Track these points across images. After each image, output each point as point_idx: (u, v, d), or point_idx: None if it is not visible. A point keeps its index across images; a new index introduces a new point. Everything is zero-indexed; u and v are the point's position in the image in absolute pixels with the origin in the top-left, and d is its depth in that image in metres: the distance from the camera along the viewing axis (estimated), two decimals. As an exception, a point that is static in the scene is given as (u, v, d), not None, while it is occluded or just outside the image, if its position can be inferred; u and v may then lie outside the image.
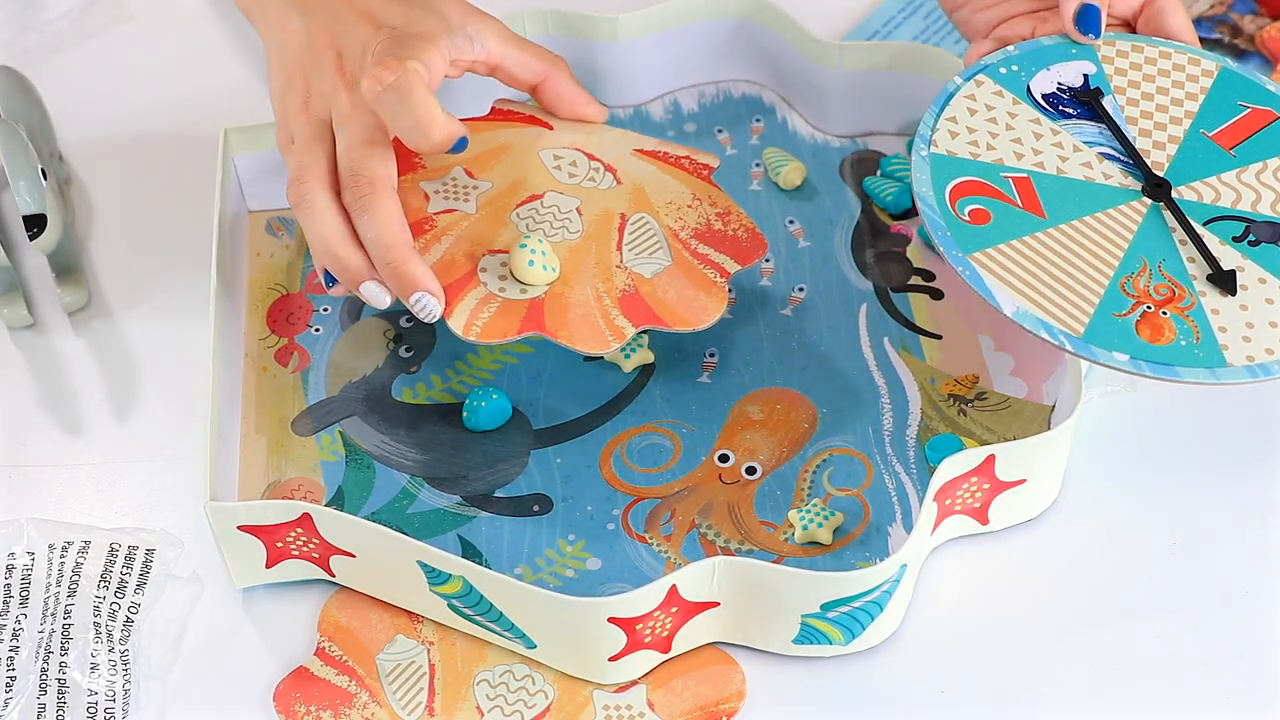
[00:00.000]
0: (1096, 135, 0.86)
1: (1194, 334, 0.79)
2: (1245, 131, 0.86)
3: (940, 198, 0.83)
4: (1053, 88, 0.87)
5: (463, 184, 0.88)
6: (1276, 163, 0.85)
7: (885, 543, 0.84)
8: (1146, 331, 0.79)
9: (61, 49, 1.06)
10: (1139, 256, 0.82)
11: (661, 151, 0.91)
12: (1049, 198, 0.84)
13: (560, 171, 0.89)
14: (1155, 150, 0.86)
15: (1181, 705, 0.80)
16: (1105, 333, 0.79)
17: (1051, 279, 0.81)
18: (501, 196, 0.88)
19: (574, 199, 0.88)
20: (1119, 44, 0.89)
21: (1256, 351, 0.79)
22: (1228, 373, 0.79)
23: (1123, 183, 0.85)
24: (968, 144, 0.85)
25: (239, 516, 0.80)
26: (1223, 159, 0.85)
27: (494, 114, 0.92)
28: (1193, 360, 0.79)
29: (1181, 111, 0.87)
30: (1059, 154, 0.85)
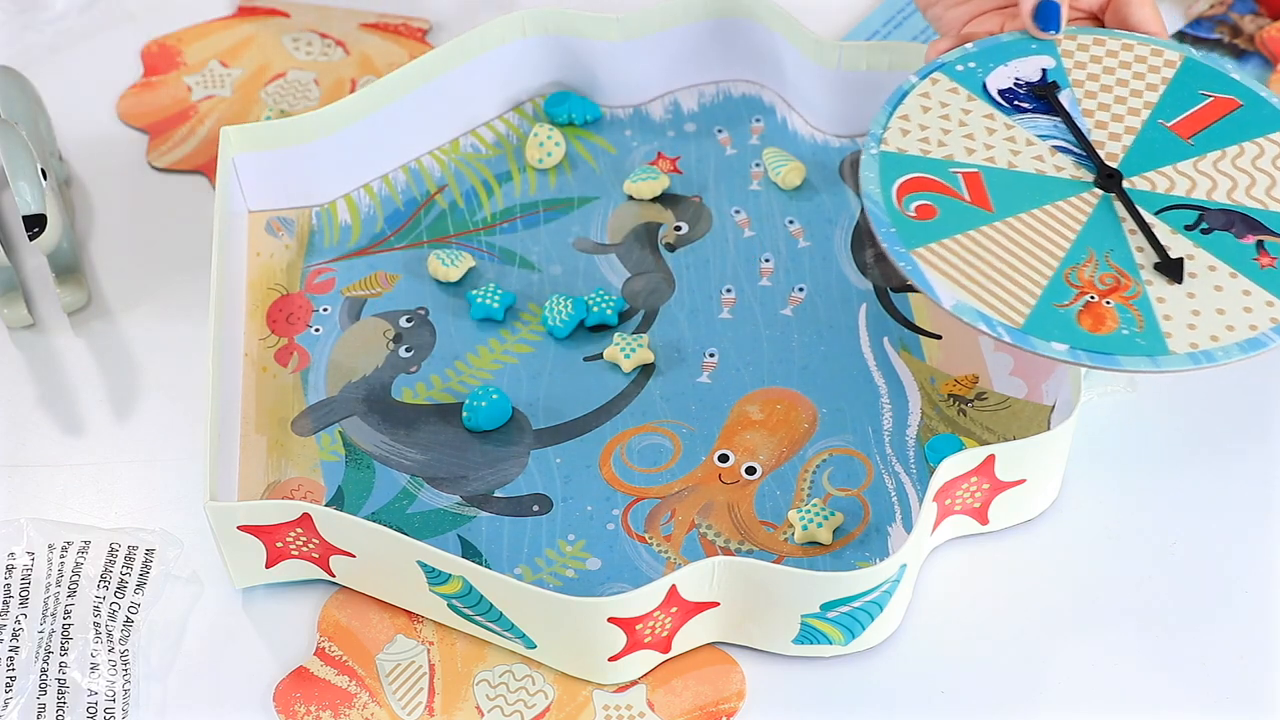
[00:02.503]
0: (1051, 129, 0.86)
1: (1137, 322, 0.79)
2: (1205, 120, 0.86)
3: (886, 194, 0.83)
4: (1009, 83, 0.88)
5: (218, 74, 1.03)
6: (1235, 151, 0.85)
7: (885, 543, 0.84)
8: (1088, 321, 0.79)
9: (61, 49, 1.06)
10: (1086, 247, 0.82)
11: (382, 23, 1.05)
12: (998, 192, 0.84)
13: (299, 52, 1.03)
14: (1111, 141, 0.86)
15: (1181, 705, 0.80)
16: (1045, 323, 0.79)
17: (994, 271, 0.81)
18: (252, 79, 1.02)
19: (311, 73, 1.03)
20: (1080, 38, 0.89)
21: (1200, 339, 0.79)
22: (1169, 360, 0.78)
23: (1075, 174, 0.85)
24: (919, 141, 0.86)
25: (239, 516, 0.80)
26: (1180, 148, 0.85)
27: (239, 12, 1.07)
28: (1134, 349, 0.79)
29: (1141, 102, 0.87)
30: (1011, 148, 0.85)
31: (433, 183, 0.98)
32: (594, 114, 1.01)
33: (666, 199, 0.97)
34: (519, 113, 1.01)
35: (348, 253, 0.95)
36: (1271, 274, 0.80)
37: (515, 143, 1.00)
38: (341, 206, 0.97)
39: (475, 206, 0.97)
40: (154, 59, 1.06)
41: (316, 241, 0.96)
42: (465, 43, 0.97)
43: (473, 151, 0.99)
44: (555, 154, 0.98)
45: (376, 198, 0.97)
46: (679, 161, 0.99)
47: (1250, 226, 0.82)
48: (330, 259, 0.95)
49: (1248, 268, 0.81)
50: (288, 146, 0.95)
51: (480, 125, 1.00)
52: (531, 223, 0.96)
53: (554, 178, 0.98)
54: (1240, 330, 0.79)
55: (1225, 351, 0.78)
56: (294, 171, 0.95)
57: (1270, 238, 0.82)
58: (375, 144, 0.97)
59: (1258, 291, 0.80)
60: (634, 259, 0.95)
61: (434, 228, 0.96)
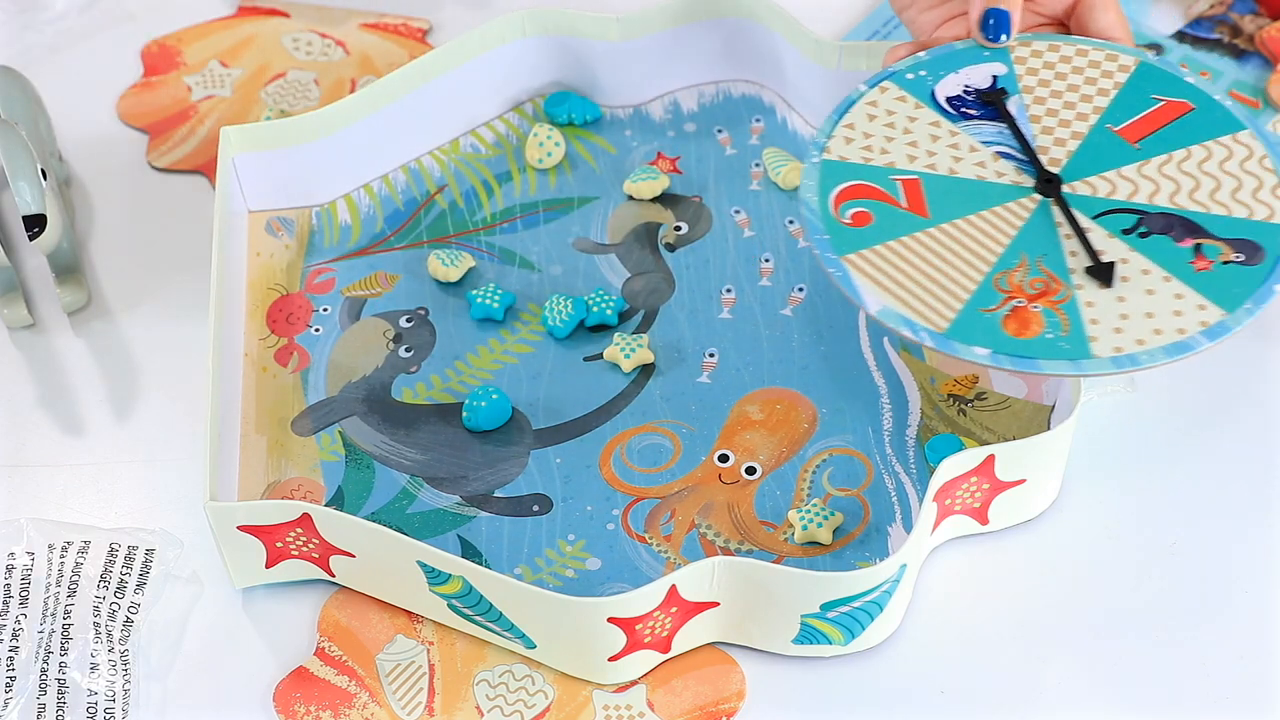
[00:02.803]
0: (996, 135, 0.86)
1: (1062, 326, 0.79)
2: (1154, 124, 0.86)
3: (823, 202, 0.84)
4: (959, 90, 0.88)
5: (218, 74, 1.02)
6: (1181, 154, 0.85)
7: (885, 543, 0.84)
8: (1013, 326, 0.79)
9: (61, 49, 1.06)
10: (1019, 252, 0.82)
11: (382, 23, 1.05)
12: (936, 198, 0.84)
13: (299, 52, 1.03)
14: (1056, 147, 0.85)
15: (1181, 705, 0.80)
16: (970, 328, 0.79)
17: (923, 276, 0.81)
18: (251, 79, 1.01)
19: (311, 73, 1.02)
20: (1035, 44, 0.89)
21: (1126, 342, 0.79)
22: (1091, 364, 0.78)
23: (1015, 180, 0.85)
24: (861, 149, 0.86)
25: (239, 516, 0.80)
26: (1126, 152, 0.85)
27: (239, 12, 1.06)
28: (1056, 352, 0.79)
29: (1090, 107, 0.86)
30: (954, 155, 0.86)
31: (433, 183, 0.98)
32: (594, 114, 1.01)
33: (666, 199, 0.97)
34: (519, 113, 1.01)
35: (348, 253, 0.95)
36: (1206, 277, 0.80)
37: (515, 143, 1.00)
38: (341, 206, 0.97)
39: (475, 206, 0.97)
40: (154, 59, 1.06)
41: (316, 241, 0.96)
42: (465, 43, 0.97)
43: (473, 151, 0.99)
44: (555, 154, 0.98)
45: (376, 198, 0.97)
46: (679, 161, 0.99)
47: (1189, 230, 0.82)
48: (330, 259, 0.95)
49: (1183, 271, 0.80)
50: (288, 146, 0.95)
51: (480, 125, 1.00)
52: (531, 223, 0.96)
53: (554, 178, 0.98)
54: (1168, 334, 0.79)
55: (1150, 355, 0.78)
56: (294, 171, 0.95)
57: (1209, 241, 0.81)
58: (375, 144, 0.97)
59: (1190, 295, 0.80)
60: (634, 259, 0.95)
61: (434, 228, 0.96)
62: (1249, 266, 0.80)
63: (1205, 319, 0.79)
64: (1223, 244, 0.81)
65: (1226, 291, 0.79)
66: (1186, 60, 1.02)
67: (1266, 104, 1.00)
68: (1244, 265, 0.80)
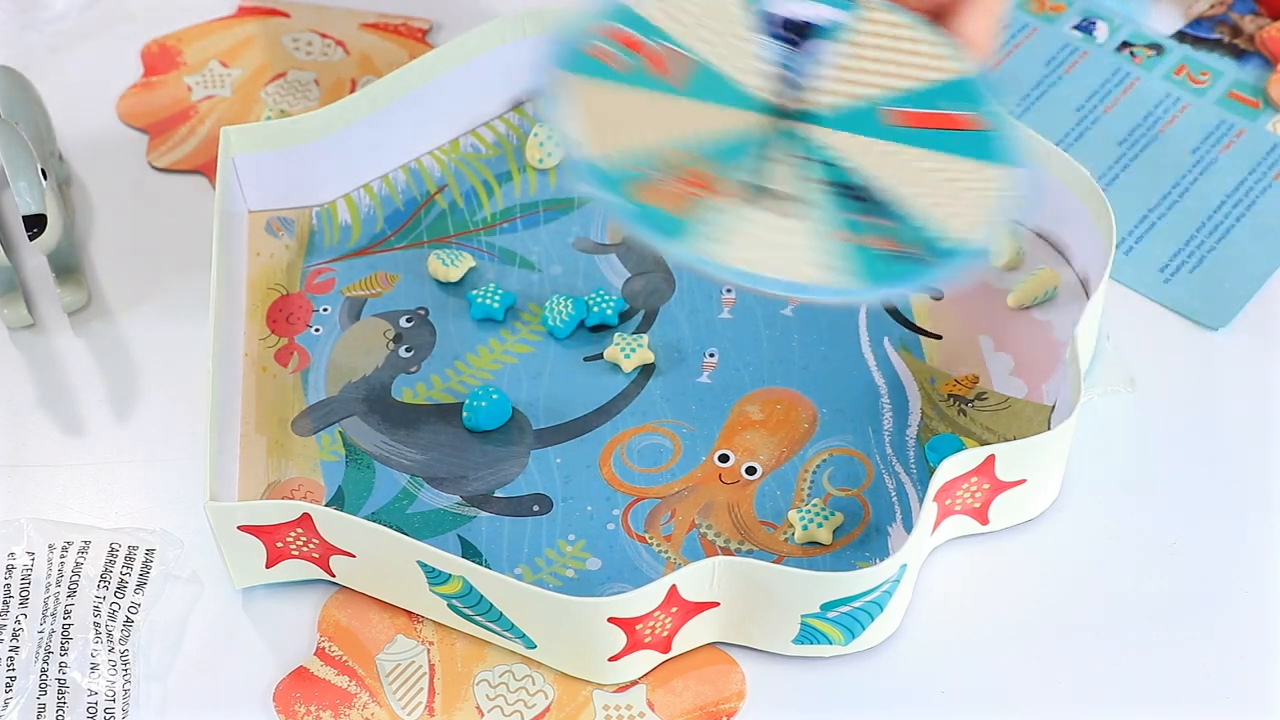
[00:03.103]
0: (787, 59, 0.85)
1: (683, 211, 0.79)
2: (930, 122, 0.84)
3: (583, 26, 0.84)
4: (786, 12, 0.86)
5: (218, 74, 1.02)
6: (920, 153, 0.83)
7: (885, 543, 0.84)
8: (644, 191, 0.79)
9: (61, 49, 1.06)
10: (719, 149, 0.81)
11: (382, 23, 1.04)
12: (690, 77, 0.83)
13: (299, 52, 1.02)
14: (829, 96, 0.84)
15: (1181, 705, 0.80)
16: (611, 173, 0.79)
17: (617, 117, 0.81)
18: (251, 79, 1.01)
19: (311, 73, 1.02)
20: (895, 14, 0.87)
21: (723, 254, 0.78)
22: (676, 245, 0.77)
23: (766, 97, 0.84)
24: (662, 10, 0.86)
25: (239, 516, 0.80)
26: (878, 129, 0.83)
27: (239, 12, 1.06)
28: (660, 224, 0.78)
29: (884, 85, 0.85)
30: (732, 54, 0.85)
31: (433, 183, 0.98)
32: (594, 114, 1.01)
33: (666, 199, 0.97)
34: (519, 113, 1.01)
35: (348, 253, 0.95)
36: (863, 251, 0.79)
37: (515, 143, 1.00)
38: (341, 206, 0.97)
39: (475, 206, 0.97)
40: (154, 59, 1.06)
41: (316, 241, 0.96)
42: (465, 43, 0.97)
43: (473, 151, 0.99)
44: (555, 154, 0.98)
45: (376, 198, 0.97)
46: (679, 161, 0.99)
47: (877, 210, 0.80)
48: (330, 259, 0.95)
49: (829, 233, 0.79)
50: (288, 146, 0.95)
51: (480, 125, 1.00)
52: (531, 223, 0.96)
53: (554, 178, 0.98)
54: (768, 268, 0.77)
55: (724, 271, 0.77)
56: (294, 171, 0.95)
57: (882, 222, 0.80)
58: (375, 144, 0.97)
59: (835, 260, 0.78)
60: (634, 259, 0.95)
61: (434, 228, 0.96)
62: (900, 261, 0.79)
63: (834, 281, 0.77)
64: (893, 233, 0.80)
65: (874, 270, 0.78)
66: (1186, 60, 1.02)
67: (1266, 104, 1.00)
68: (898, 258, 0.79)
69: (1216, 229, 0.95)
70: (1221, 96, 1.01)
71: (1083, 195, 0.90)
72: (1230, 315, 0.92)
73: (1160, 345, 0.91)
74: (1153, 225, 0.95)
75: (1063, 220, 0.92)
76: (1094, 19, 1.05)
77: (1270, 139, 0.99)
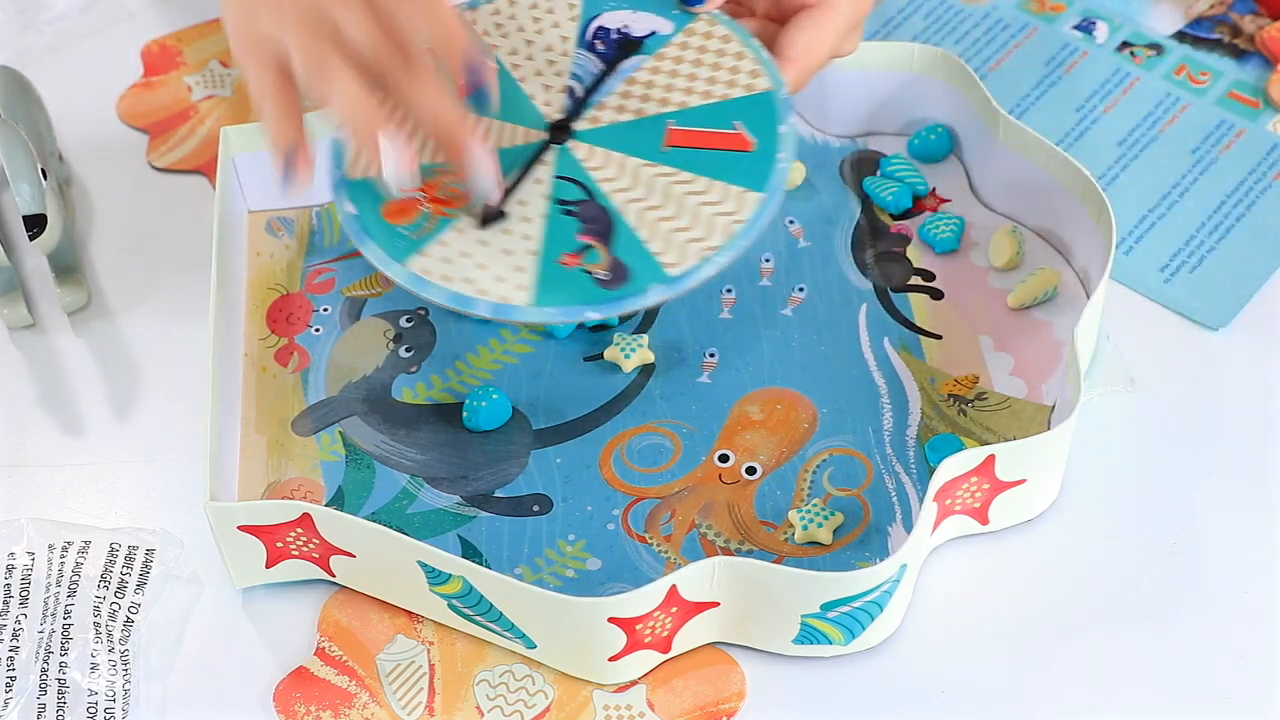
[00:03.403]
0: (591, 74, 0.87)
1: (423, 229, 0.81)
2: (700, 142, 0.84)
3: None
4: (614, 25, 0.88)
5: (219, 74, 1.02)
6: (686, 177, 0.83)
7: (885, 543, 0.84)
8: (392, 208, 0.82)
9: (61, 49, 1.06)
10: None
11: None
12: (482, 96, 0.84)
13: None
14: (613, 112, 0.85)
15: (1181, 705, 0.80)
16: (364, 191, 0.82)
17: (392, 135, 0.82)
18: None
19: None
20: (719, 26, 0.88)
21: (435, 268, 0.80)
22: (394, 268, 0.80)
23: (549, 114, 0.86)
24: (495, 23, 0.88)
25: (239, 516, 0.80)
26: (649, 149, 0.84)
27: None
28: (388, 243, 0.81)
29: (680, 98, 0.86)
30: (539, 68, 0.87)
31: (432, 183, 0.98)
32: (593, 114, 1.01)
33: (666, 199, 0.97)
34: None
35: (348, 253, 0.95)
36: (559, 271, 0.80)
37: (515, 143, 1.00)
38: (341, 206, 0.97)
39: (475, 206, 0.97)
40: (154, 59, 1.06)
41: (317, 241, 0.96)
42: (465, 43, 0.97)
43: (472, 151, 0.99)
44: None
45: (376, 198, 0.97)
46: (678, 161, 0.99)
47: (601, 232, 0.82)
48: (330, 259, 0.95)
49: (550, 255, 0.81)
50: (288, 146, 0.95)
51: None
52: (531, 223, 0.96)
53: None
54: (469, 286, 0.79)
55: (439, 291, 0.79)
56: (294, 171, 0.95)
57: (599, 248, 0.81)
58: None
59: (527, 276, 0.80)
60: (634, 259, 0.95)
61: (434, 228, 0.96)
62: (598, 284, 0.80)
63: (511, 297, 0.79)
64: (606, 258, 0.81)
65: (554, 289, 0.80)
66: (1186, 60, 1.02)
67: (1267, 104, 1.00)
68: (597, 282, 0.80)
69: (1216, 229, 0.95)
70: (1221, 96, 1.01)
71: (1083, 195, 0.90)
72: (1230, 315, 0.92)
73: (1160, 345, 0.91)
74: (1153, 225, 0.95)
75: (1063, 220, 0.92)
76: (1094, 19, 1.05)
77: (1270, 139, 0.99)
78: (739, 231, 0.81)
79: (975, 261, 0.94)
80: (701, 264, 0.80)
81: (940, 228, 0.94)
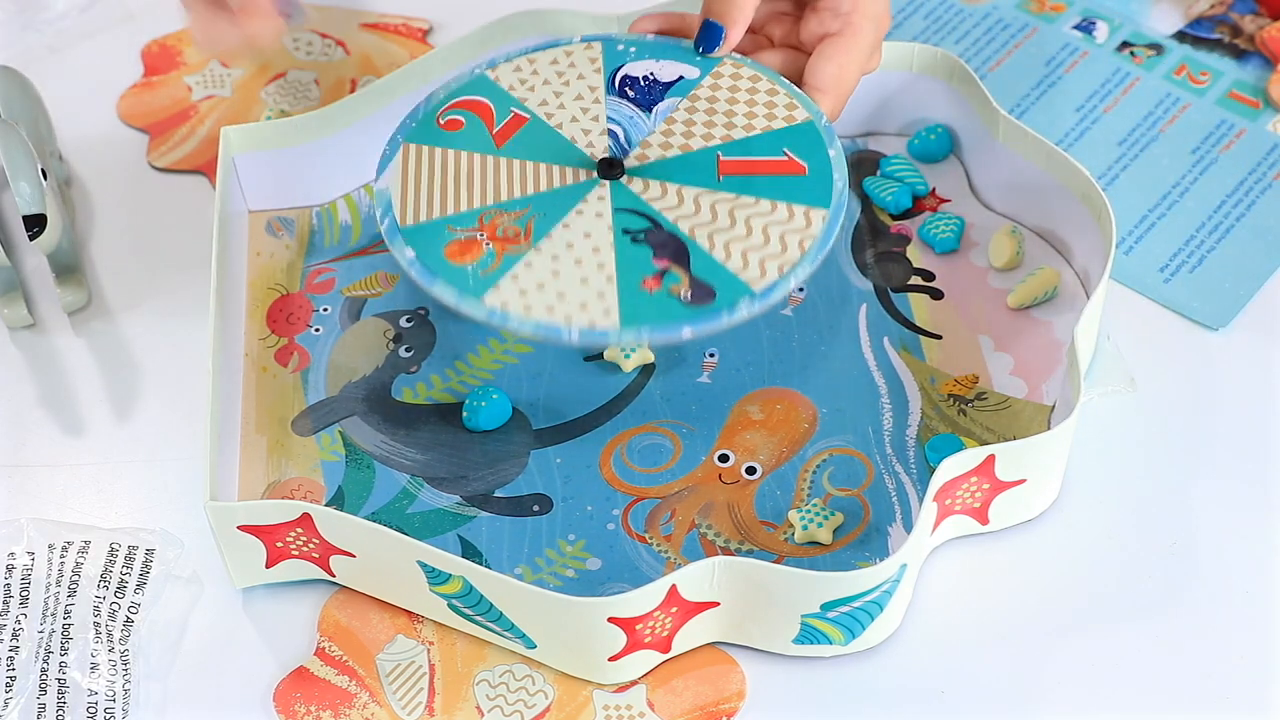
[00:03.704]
0: (628, 117, 0.87)
1: (490, 266, 0.82)
2: (755, 169, 0.85)
3: (441, 101, 0.88)
4: (640, 74, 0.89)
5: (218, 74, 1.02)
6: (743, 199, 0.84)
7: (885, 543, 0.84)
8: (454, 249, 0.82)
9: (61, 49, 1.06)
10: (529, 203, 0.84)
11: (382, 23, 1.05)
12: (524, 135, 0.87)
13: (299, 51, 1.03)
14: (661, 149, 0.86)
15: (1181, 705, 0.80)
16: (423, 235, 0.83)
17: (439, 181, 0.85)
18: (252, 80, 1.02)
19: (311, 73, 1.03)
20: (744, 68, 0.89)
21: (515, 304, 0.80)
22: (469, 304, 0.81)
23: (594, 154, 0.86)
24: (519, 79, 0.89)
25: (239, 516, 0.80)
26: (706, 178, 0.85)
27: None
28: (457, 279, 0.81)
29: (722, 134, 0.86)
30: (574, 114, 0.87)
31: (432, 183, 0.98)
32: (593, 114, 1.01)
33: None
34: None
35: (348, 253, 0.95)
36: (641, 294, 0.81)
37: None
38: (342, 206, 0.97)
39: (475, 206, 0.97)
40: (154, 59, 1.06)
41: (317, 241, 0.96)
42: (465, 43, 0.97)
43: (472, 151, 1.00)
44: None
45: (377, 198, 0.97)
46: (678, 161, 0.99)
47: (675, 256, 0.82)
48: (330, 259, 0.95)
49: (629, 280, 0.81)
50: (288, 146, 0.95)
51: (480, 125, 1.00)
52: (531, 223, 0.96)
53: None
54: (554, 316, 0.80)
55: (520, 322, 0.80)
56: (294, 171, 0.95)
57: (678, 270, 0.81)
58: (376, 144, 0.97)
59: (609, 300, 0.81)
60: (634, 259, 0.95)
61: (434, 228, 0.96)
62: (684, 304, 0.81)
63: (598, 323, 0.80)
64: (686, 279, 0.81)
65: (641, 311, 0.80)
66: (1187, 60, 1.02)
67: (1267, 104, 1.00)
68: (682, 302, 0.81)
69: (1216, 229, 0.95)
70: (1221, 96, 1.01)
71: (1083, 195, 0.90)
72: (1230, 315, 0.92)
73: (1160, 345, 0.91)
74: (1153, 225, 0.95)
75: (1063, 220, 0.92)
76: (1094, 19, 1.05)
77: (1270, 139, 0.99)
78: (813, 245, 0.82)
79: (975, 261, 0.94)
80: (783, 278, 0.81)
81: (940, 228, 0.94)
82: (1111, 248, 0.86)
